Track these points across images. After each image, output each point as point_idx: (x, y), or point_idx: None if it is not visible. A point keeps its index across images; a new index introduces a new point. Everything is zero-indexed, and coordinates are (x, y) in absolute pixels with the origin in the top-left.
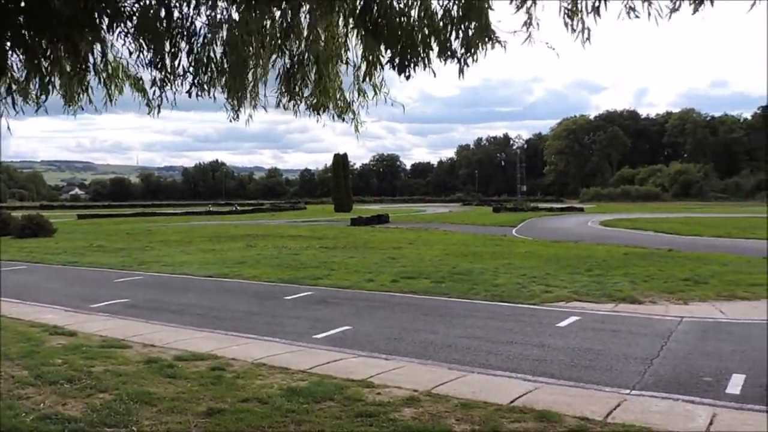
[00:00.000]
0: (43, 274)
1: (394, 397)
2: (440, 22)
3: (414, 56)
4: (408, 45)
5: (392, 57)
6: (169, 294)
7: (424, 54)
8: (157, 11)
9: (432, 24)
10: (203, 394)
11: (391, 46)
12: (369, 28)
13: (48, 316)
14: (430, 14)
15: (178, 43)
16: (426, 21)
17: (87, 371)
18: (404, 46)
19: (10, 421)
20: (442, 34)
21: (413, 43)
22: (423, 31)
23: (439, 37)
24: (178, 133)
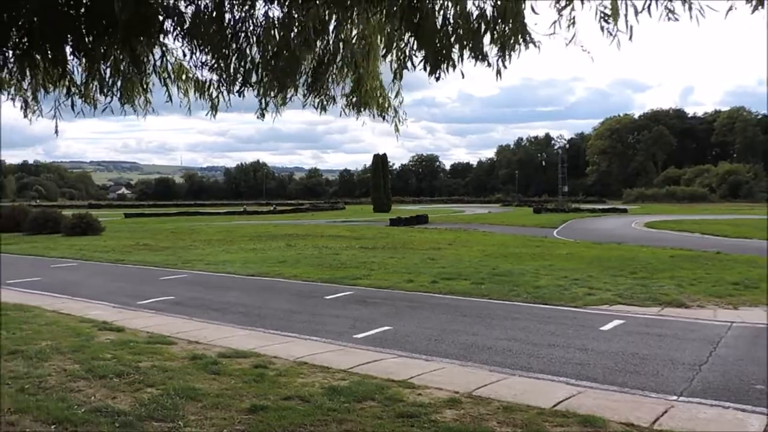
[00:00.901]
0: (91, 271)
1: (435, 399)
2: (474, 23)
3: (446, 57)
4: (442, 46)
5: (425, 57)
6: (212, 292)
7: (458, 55)
8: (209, 13)
9: (466, 25)
10: (246, 391)
11: (426, 46)
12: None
13: (97, 312)
14: (465, 15)
15: (230, 45)
16: (460, 22)
17: (135, 366)
18: (438, 47)
19: (62, 413)
20: (476, 36)
21: (447, 44)
22: (457, 32)
23: (473, 38)
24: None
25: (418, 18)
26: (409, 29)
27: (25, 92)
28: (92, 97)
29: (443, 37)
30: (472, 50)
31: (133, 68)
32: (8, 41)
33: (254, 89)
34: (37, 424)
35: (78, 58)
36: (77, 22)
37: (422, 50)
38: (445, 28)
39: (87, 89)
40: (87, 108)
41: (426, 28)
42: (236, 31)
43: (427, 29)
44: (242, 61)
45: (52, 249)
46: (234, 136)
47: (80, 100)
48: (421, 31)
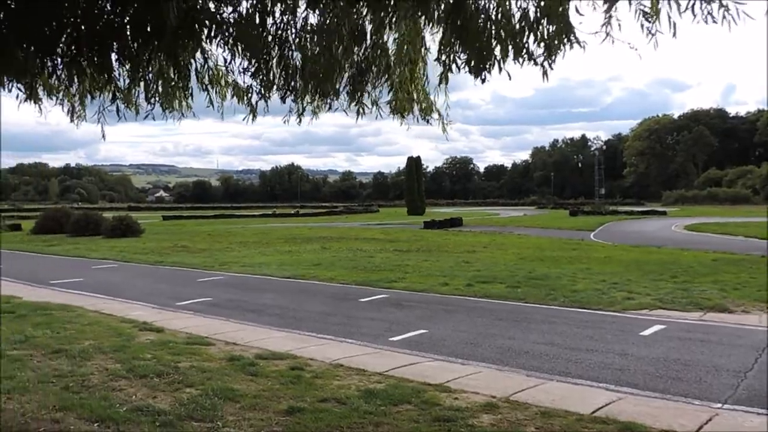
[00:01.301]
0: (131, 272)
1: (471, 403)
2: (517, 24)
3: (490, 59)
4: (485, 47)
5: (468, 59)
6: (249, 294)
7: (501, 56)
8: (252, 20)
9: (509, 26)
10: (283, 393)
11: (470, 48)
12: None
13: (137, 312)
14: (508, 16)
15: (271, 51)
16: (503, 23)
17: (174, 366)
18: (481, 48)
19: (105, 411)
20: (519, 37)
21: (490, 46)
22: (500, 33)
23: (516, 40)
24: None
25: (462, 20)
26: (452, 31)
27: (73, 98)
28: (135, 103)
29: (487, 38)
30: (517, 51)
31: (176, 74)
32: (57, 49)
33: (293, 94)
34: (81, 422)
35: (123, 65)
36: (123, 29)
37: (466, 52)
38: (488, 30)
39: (130, 95)
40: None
41: (470, 30)
42: (277, 37)
43: (471, 31)
44: (282, 66)
45: (94, 250)
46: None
47: (124, 106)
48: (465, 33)
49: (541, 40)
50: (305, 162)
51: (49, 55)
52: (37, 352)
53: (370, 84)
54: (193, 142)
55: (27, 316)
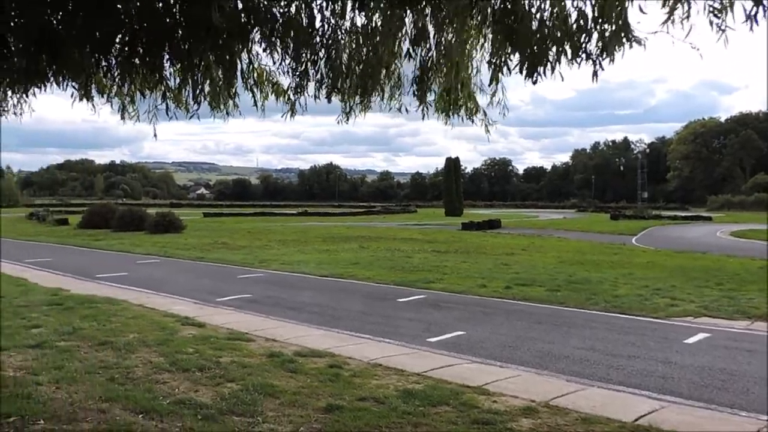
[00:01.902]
0: (174, 267)
1: (510, 407)
2: (574, 24)
3: (543, 60)
4: (539, 48)
5: (521, 61)
6: (288, 291)
7: (555, 57)
8: (299, 21)
9: (565, 26)
10: (322, 390)
11: (522, 49)
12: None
13: (179, 307)
14: (563, 16)
15: (317, 51)
16: (558, 23)
17: (216, 361)
18: (534, 49)
19: (149, 403)
20: (576, 37)
21: (544, 47)
22: (555, 33)
23: (572, 40)
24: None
25: (513, 21)
26: (502, 33)
27: (124, 97)
28: (184, 102)
29: (540, 39)
30: (574, 52)
31: (224, 74)
32: (111, 49)
33: (339, 94)
34: (126, 413)
35: (174, 65)
36: (175, 30)
37: (517, 53)
38: (542, 30)
39: (180, 94)
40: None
41: (521, 32)
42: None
43: (522, 33)
44: (329, 66)
45: (138, 245)
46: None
47: (173, 105)
48: (516, 34)
49: (599, 40)
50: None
51: (104, 54)
52: (84, 344)
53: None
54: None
55: (74, 308)
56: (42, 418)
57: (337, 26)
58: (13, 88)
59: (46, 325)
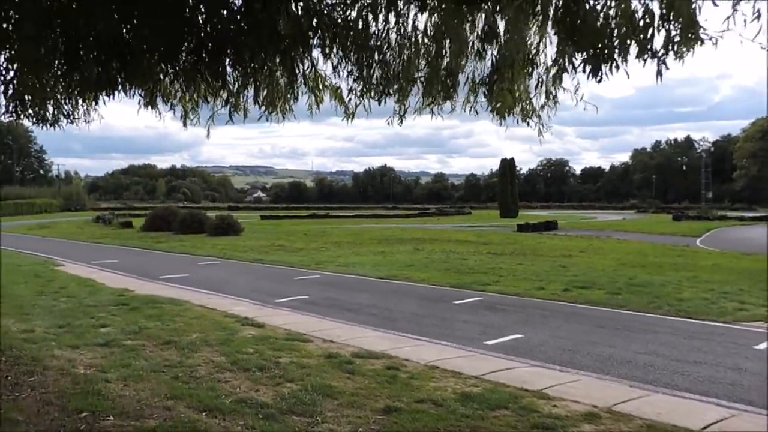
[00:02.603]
0: (233, 269)
1: (571, 412)
2: (640, 21)
3: (609, 58)
4: (603, 47)
5: (585, 59)
6: (344, 293)
7: (620, 55)
8: (356, 25)
9: (631, 24)
10: (380, 392)
11: (585, 48)
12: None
13: (239, 308)
14: (628, 14)
15: (374, 54)
16: (623, 20)
17: (275, 361)
18: (599, 48)
19: (212, 401)
20: (642, 34)
21: (609, 45)
22: (620, 31)
23: (638, 37)
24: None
25: (576, 20)
26: (566, 32)
27: (186, 103)
28: (245, 107)
29: (604, 37)
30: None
31: (285, 78)
32: (178, 56)
33: (395, 96)
34: (190, 410)
35: (237, 71)
36: (237, 37)
37: (581, 52)
38: (606, 29)
39: (239, 99)
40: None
41: (584, 31)
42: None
43: (585, 31)
44: (385, 70)
45: (198, 248)
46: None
47: (233, 110)
48: (579, 33)
49: (666, 38)
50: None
51: (171, 62)
52: (149, 343)
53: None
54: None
55: (140, 308)
56: (111, 414)
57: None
58: (84, 97)
59: (113, 324)
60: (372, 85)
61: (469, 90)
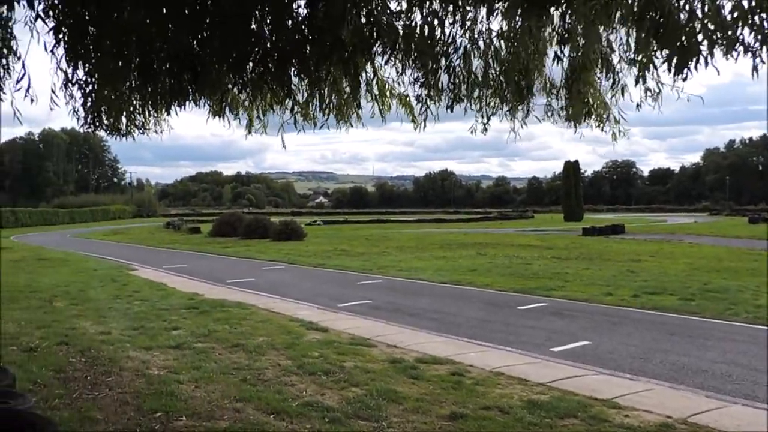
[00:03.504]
0: (297, 274)
1: (644, 422)
2: (729, 15)
3: (695, 55)
4: (690, 43)
5: (669, 57)
6: (406, 298)
7: (707, 51)
8: (422, 30)
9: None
10: (445, 398)
11: (668, 45)
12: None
13: (303, 312)
14: (715, 8)
15: (440, 60)
16: (710, 15)
17: (340, 365)
18: (683, 44)
19: (279, 404)
20: (731, 29)
21: (695, 41)
22: (706, 26)
23: (727, 32)
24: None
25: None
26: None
27: (252, 112)
28: (312, 115)
29: (689, 33)
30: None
31: (349, 86)
32: (246, 67)
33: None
34: (258, 412)
35: (301, 80)
36: (303, 46)
37: (664, 50)
38: (692, 24)
39: (308, 108)
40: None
41: (668, 27)
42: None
43: (669, 27)
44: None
45: (263, 252)
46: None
47: (301, 118)
48: (663, 29)
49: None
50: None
51: (239, 73)
52: (219, 346)
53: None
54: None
55: (208, 311)
56: (184, 414)
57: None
58: (156, 108)
59: (184, 327)
60: (439, 91)
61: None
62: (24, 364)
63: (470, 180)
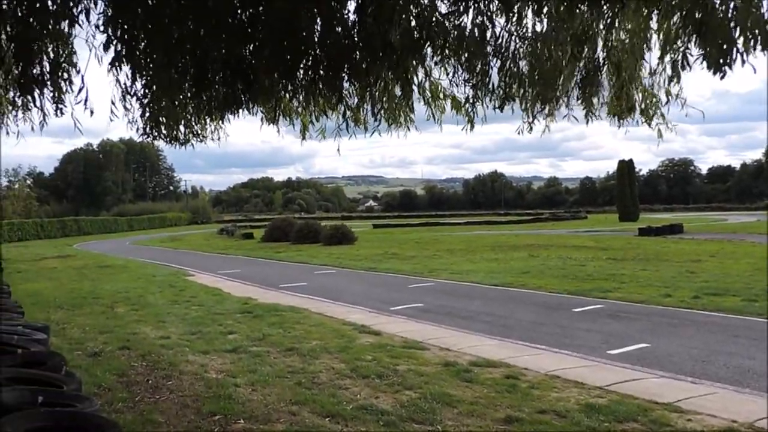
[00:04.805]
0: (348, 277)
1: (708, 426)
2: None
3: (731, 52)
4: (725, 40)
5: (707, 54)
6: (458, 300)
7: (743, 48)
8: (471, 32)
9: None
10: (500, 401)
11: (710, 42)
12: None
13: (355, 315)
14: (753, 4)
15: (490, 61)
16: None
17: (393, 369)
18: (720, 41)
19: (334, 408)
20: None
21: (731, 38)
22: (744, 23)
23: (763, 28)
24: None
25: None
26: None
27: (305, 118)
28: (363, 120)
29: (727, 29)
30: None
31: (401, 90)
32: (297, 74)
33: (518, 102)
34: (314, 416)
35: (352, 84)
36: (353, 50)
37: (704, 47)
38: (728, 21)
39: (359, 112)
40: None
41: (711, 24)
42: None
43: (712, 24)
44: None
45: (314, 257)
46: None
47: (353, 123)
48: (704, 26)
49: None
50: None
51: (290, 80)
52: (273, 349)
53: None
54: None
55: (262, 316)
56: (241, 417)
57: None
58: (212, 116)
59: (239, 331)
60: (489, 92)
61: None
62: (89, 368)
63: (521, 181)
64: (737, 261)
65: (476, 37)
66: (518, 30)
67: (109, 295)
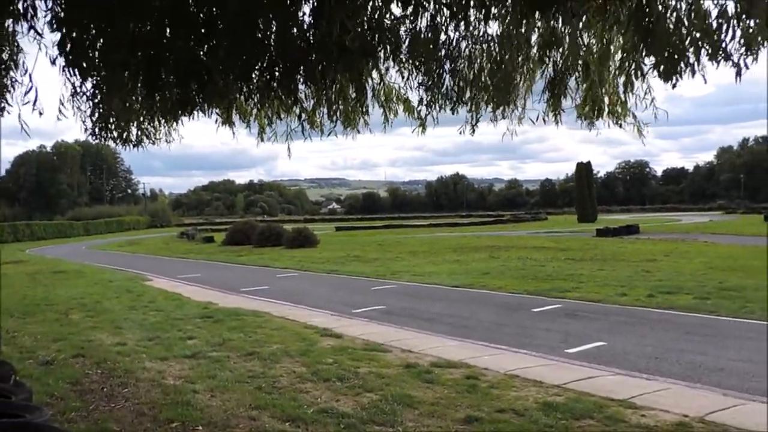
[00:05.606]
0: (311, 280)
1: (661, 422)
2: (714, 21)
3: (681, 62)
4: (675, 50)
5: (657, 64)
6: (420, 302)
7: (694, 59)
8: (426, 35)
9: (704, 24)
10: (460, 402)
11: (656, 51)
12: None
13: (317, 319)
14: (701, 15)
15: (443, 64)
16: (695, 22)
17: (354, 371)
18: (671, 51)
19: (295, 411)
20: (715, 35)
21: (681, 48)
22: (692, 33)
23: (712, 38)
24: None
25: (647, 21)
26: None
27: (262, 120)
28: (319, 122)
29: (676, 40)
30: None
31: (355, 93)
32: (252, 75)
33: (467, 105)
34: (274, 420)
35: (308, 87)
36: (308, 53)
37: (651, 56)
38: (678, 30)
39: (314, 115)
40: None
41: (656, 32)
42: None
43: (657, 33)
44: (456, 79)
45: (276, 260)
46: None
47: (308, 126)
48: (651, 35)
49: (742, 38)
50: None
51: (246, 81)
52: (233, 354)
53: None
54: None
55: (223, 320)
56: (200, 424)
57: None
58: (165, 118)
59: (199, 336)
60: (443, 95)
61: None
62: (41, 377)
63: (482, 183)
64: (690, 260)
65: (429, 40)
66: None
67: (64, 301)
